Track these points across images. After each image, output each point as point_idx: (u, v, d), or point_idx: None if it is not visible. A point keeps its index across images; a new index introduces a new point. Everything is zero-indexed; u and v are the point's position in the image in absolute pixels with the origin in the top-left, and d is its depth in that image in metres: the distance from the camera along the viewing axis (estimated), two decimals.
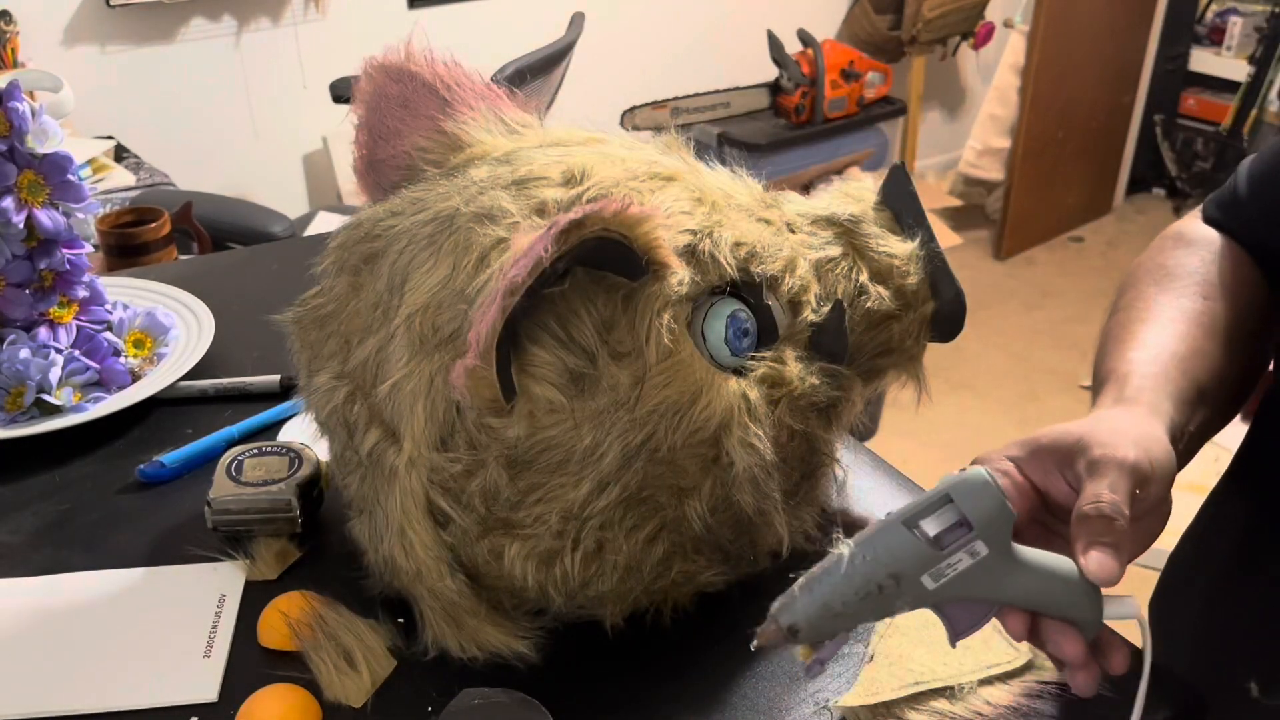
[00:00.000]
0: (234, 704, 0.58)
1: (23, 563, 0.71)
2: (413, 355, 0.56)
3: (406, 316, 0.56)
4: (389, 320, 0.58)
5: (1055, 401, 2.67)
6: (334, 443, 0.63)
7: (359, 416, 0.58)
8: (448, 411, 0.55)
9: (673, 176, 0.60)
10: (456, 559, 0.57)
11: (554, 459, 0.54)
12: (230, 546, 0.70)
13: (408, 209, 0.61)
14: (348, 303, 0.61)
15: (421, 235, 0.58)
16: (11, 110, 0.83)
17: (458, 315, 0.54)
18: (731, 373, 0.57)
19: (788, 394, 0.58)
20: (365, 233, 0.62)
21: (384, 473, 0.57)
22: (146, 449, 0.80)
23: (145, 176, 1.99)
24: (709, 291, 0.57)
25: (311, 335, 0.63)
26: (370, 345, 0.58)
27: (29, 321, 0.88)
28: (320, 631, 0.61)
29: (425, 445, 0.55)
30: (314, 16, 2.67)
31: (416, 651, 0.60)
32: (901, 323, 0.64)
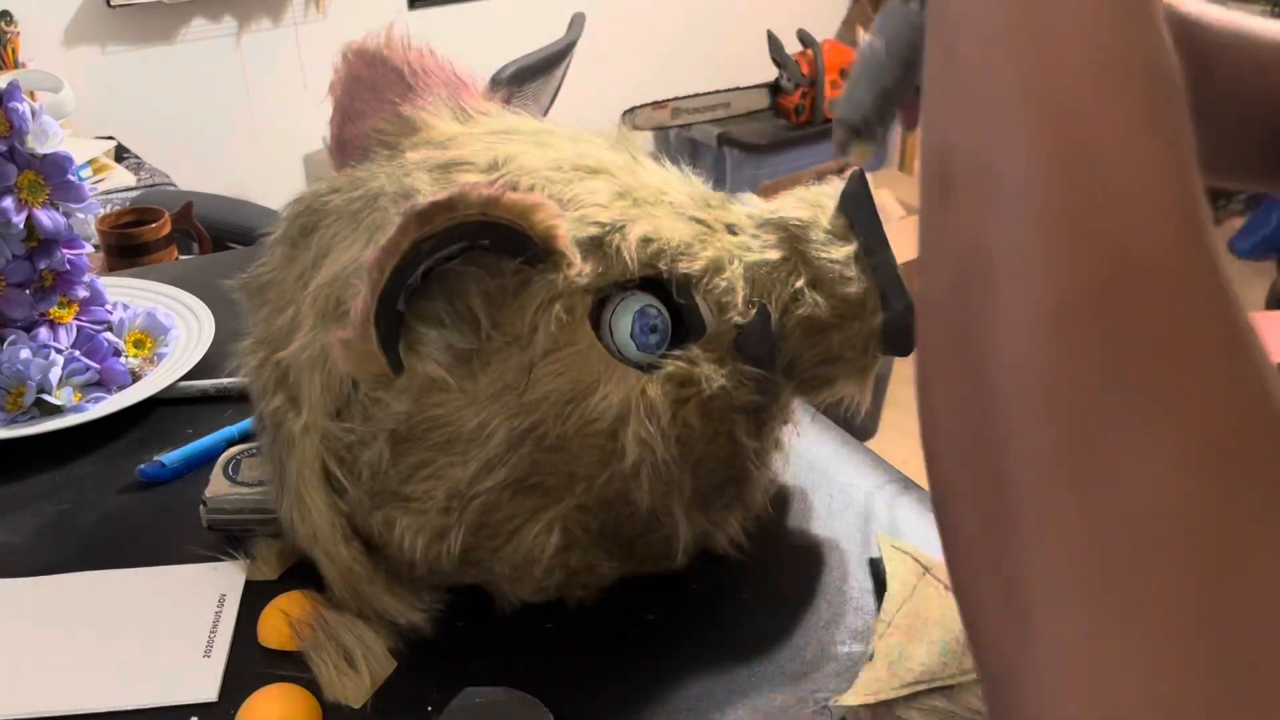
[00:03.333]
0: (234, 704, 0.58)
1: (23, 563, 0.71)
2: (314, 325, 0.57)
3: (315, 288, 0.58)
4: (305, 291, 0.60)
5: None
6: (253, 405, 0.65)
7: (268, 380, 0.60)
8: (344, 383, 0.56)
9: (600, 170, 0.60)
10: (353, 527, 0.59)
11: (441, 437, 0.55)
12: (230, 546, 0.70)
13: (345, 186, 0.63)
14: (282, 273, 0.63)
15: (348, 212, 0.60)
16: (12, 110, 0.83)
17: (356, 290, 0.56)
18: (639, 368, 0.57)
19: (696, 394, 0.57)
20: (306, 206, 0.64)
21: (284, 437, 0.59)
22: (147, 449, 0.80)
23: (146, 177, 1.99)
24: (620, 286, 0.57)
25: (252, 302, 0.65)
26: (288, 314, 0.60)
27: (29, 322, 0.88)
28: (321, 631, 0.61)
29: (321, 413, 0.57)
30: (314, 17, 2.68)
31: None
32: (843, 332, 0.63)
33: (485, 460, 0.55)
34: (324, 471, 0.58)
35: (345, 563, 0.59)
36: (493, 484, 0.55)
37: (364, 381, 0.55)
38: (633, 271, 0.57)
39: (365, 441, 0.56)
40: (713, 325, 0.59)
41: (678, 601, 0.66)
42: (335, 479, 0.57)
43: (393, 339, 0.54)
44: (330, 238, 0.60)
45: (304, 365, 0.57)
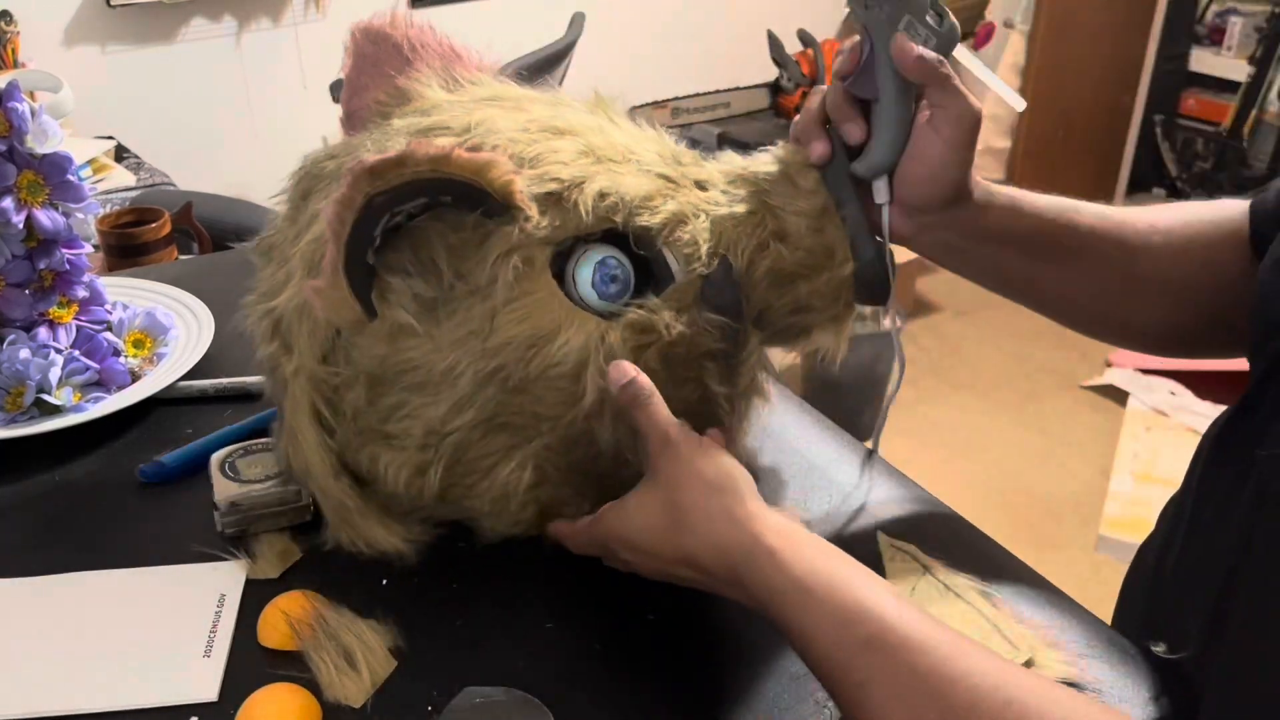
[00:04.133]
0: (234, 703, 0.58)
1: (23, 563, 0.71)
2: (302, 277, 0.61)
3: (304, 244, 0.62)
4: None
5: (1055, 401, 2.67)
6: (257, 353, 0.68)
7: (266, 329, 0.64)
8: (327, 329, 0.60)
9: (568, 131, 0.63)
10: (342, 463, 0.63)
11: (414, 379, 0.59)
12: (231, 545, 0.70)
13: (339, 152, 0.67)
14: (283, 234, 0.67)
15: (338, 175, 0.63)
16: (11, 110, 0.83)
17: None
18: (601, 316, 0.60)
19: (656, 340, 0.60)
20: (305, 172, 0.69)
21: (280, 380, 0.63)
22: (146, 449, 0.80)
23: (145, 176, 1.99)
24: (581, 239, 0.61)
25: (261, 260, 0.69)
26: (285, 269, 0.64)
27: (29, 321, 0.88)
28: (320, 631, 0.61)
29: (309, 358, 0.61)
30: (314, 17, 2.68)
31: (319, 543, 0.67)
32: (812, 282, 0.65)
33: (455, 401, 0.59)
34: (314, 411, 0.61)
35: (337, 496, 0.62)
36: (463, 423, 0.59)
37: (343, 327, 0.59)
38: (589, 225, 0.60)
39: (348, 384, 0.60)
40: (679, 276, 0.62)
41: (678, 601, 0.66)
42: (324, 419, 0.62)
43: (365, 288, 0.57)
44: (322, 199, 0.64)
45: (293, 314, 0.61)
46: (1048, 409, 2.64)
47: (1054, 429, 2.57)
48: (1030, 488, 2.36)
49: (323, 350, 0.61)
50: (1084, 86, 3.34)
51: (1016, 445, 2.51)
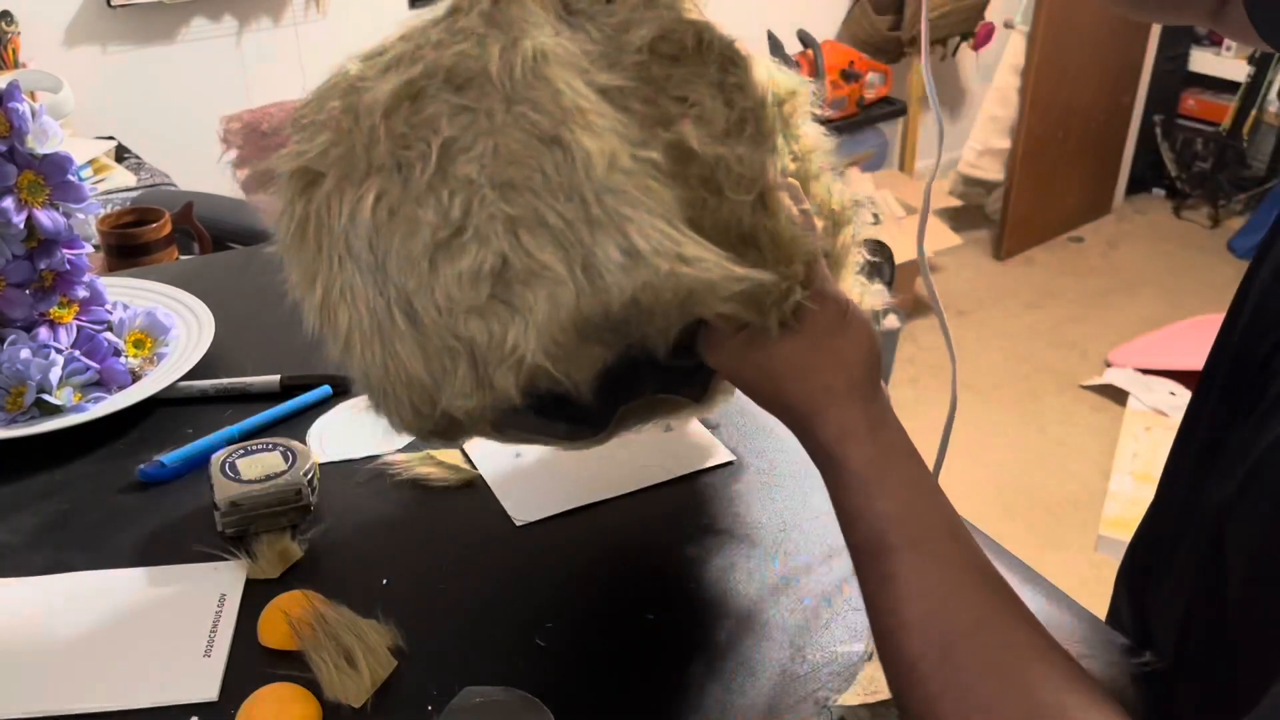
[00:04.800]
0: (234, 703, 0.58)
1: (23, 563, 0.71)
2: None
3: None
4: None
5: (1055, 401, 2.67)
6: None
7: (449, 57, 0.52)
8: (558, 11, 0.53)
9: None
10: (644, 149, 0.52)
11: (675, 48, 0.53)
12: (231, 545, 0.70)
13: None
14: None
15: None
16: (12, 111, 0.83)
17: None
18: None
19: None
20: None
21: (519, 72, 0.50)
22: (147, 449, 0.80)
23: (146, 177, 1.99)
24: None
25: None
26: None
27: (29, 321, 0.88)
28: (321, 631, 0.61)
29: (556, 33, 0.52)
30: (314, 17, 2.68)
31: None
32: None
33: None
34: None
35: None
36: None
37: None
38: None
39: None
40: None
41: (677, 602, 0.66)
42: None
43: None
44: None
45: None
46: (1048, 409, 2.64)
47: (1054, 429, 2.57)
48: (1030, 488, 2.36)
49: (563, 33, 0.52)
50: (1084, 87, 3.34)
51: (1016, 445, 2.51)
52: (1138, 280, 3.20)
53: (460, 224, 0.49)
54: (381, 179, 0.51)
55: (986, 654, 0.47)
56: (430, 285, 0.50)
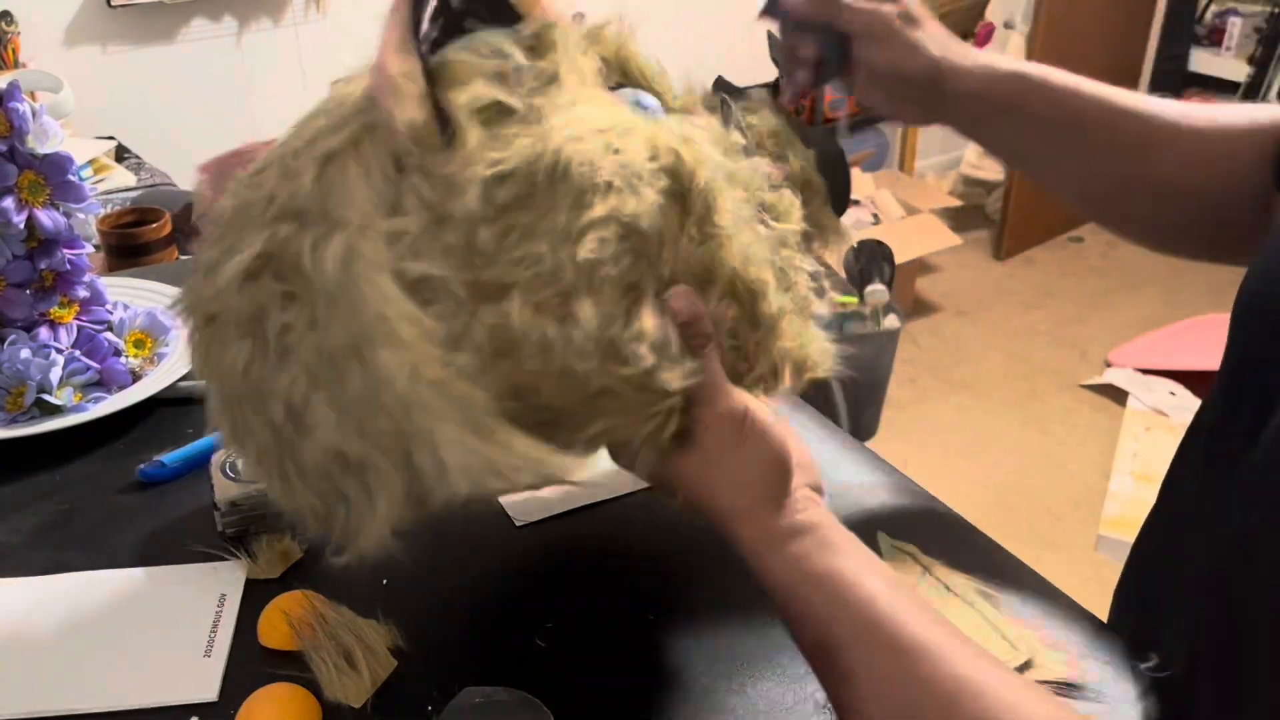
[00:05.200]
0: (234, 704, 0.58)
1: (23, 563, 0.71)
2: (331, 132, 0.52)
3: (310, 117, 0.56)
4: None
5: (1055, 401, 2.67)
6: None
7: (245, 259, 0.52)
8: (385, 170, 0.50)
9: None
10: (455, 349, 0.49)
11: (519, 190, 0.49)
12: (231, 545, 0.70)
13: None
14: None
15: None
16: (12, 110, 0.83)
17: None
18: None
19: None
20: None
21: (329, 271, 0.48)
22: (147, 449, 0.80)
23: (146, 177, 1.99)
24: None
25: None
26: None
27: (29, 321, 0.88)
28: (320, 631, 0.61)
29: (374, 214, 0.49)
30: (315, 17, 2.68)
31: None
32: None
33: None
34: (399, 278, 0.49)
35: (462, 392, 0.49)
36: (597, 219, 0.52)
37: (415, 149, 0.50)
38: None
39: (439, 223, 0.50)
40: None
41: (677, 602, 0.66)
42: (416, 282, 0.49)
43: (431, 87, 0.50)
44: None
45: (334, 173, 0.51)
46: (1048, 409, 2.64)
47: (1054, 429, 2.57)
48: (1030, 488, 2.36)
49: (387, 200, 0.49)
50: None
51: (1016, 445, 2.51)
52: (1138, 280, 3.20)
53: (301, 411, 0.50)
54: (247, 343, 0.52)
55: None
56: (299, 447, 0.50)
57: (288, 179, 0.52)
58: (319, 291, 0.49)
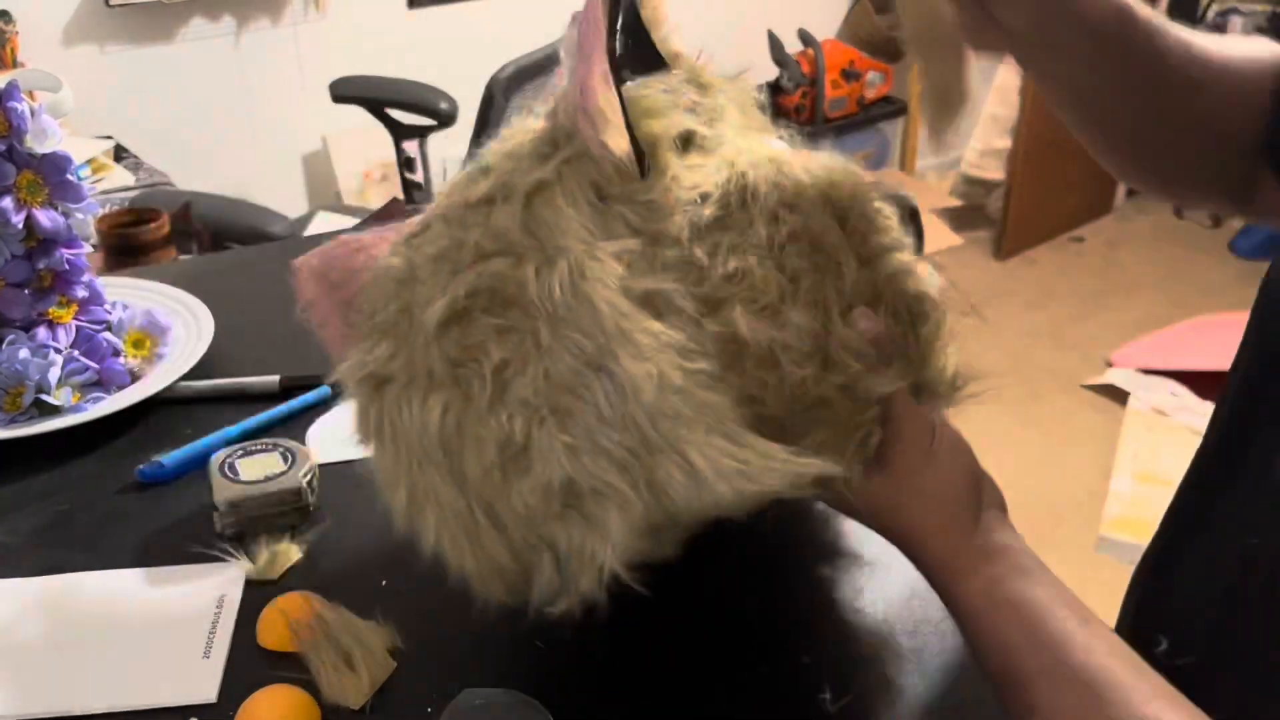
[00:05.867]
0: (233, 704, 0.58)
1: (23, 563, 0.71)
2: (523, 171, 0.53)
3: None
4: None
5: (1055, 401, 2.67)
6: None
7: (490, 273, 0.52)
8: (589, 199, 0.52)
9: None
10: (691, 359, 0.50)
11: (718, 211, 0.52)
12: (230, 546, 0.70)
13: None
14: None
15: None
16: (10, 110, 0.83)
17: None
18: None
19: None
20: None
21: (558, 294, 0.49)
22: (146, 449, 0.80)
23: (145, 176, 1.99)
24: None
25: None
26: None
27: (28, 321, 0.88)
28: (320, 632, 0.61)
29: (592, 238, 0.50)
30: (314, 17, 2.67)
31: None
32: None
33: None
34: (632, 294, 0.51)
35: (715, 406, 0.50)
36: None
37: (616, 180, 0.52)
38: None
39: (655, 242, 0.52)
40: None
41: (676, 603, 0.66)
42: (652, 297, 0.51)
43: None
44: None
45: (544, 205, 0.52)
46: (1048, 409, 2.64)
47: (1054, 429, 2.57)
48: (1030, 488, 2.36)
49: (596, 225, 0.51)
50: None
51: (1016, 445, 2.50)
52: (1139, 280, 3.20)
53: (523, 444, 0.49)
54: (445, 392, 0.51)
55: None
56: (506, 493, 0.50)
57: (480, 222, 0.53)
58: (545, 318, 0.49)
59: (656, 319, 0.49)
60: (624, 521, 0.48)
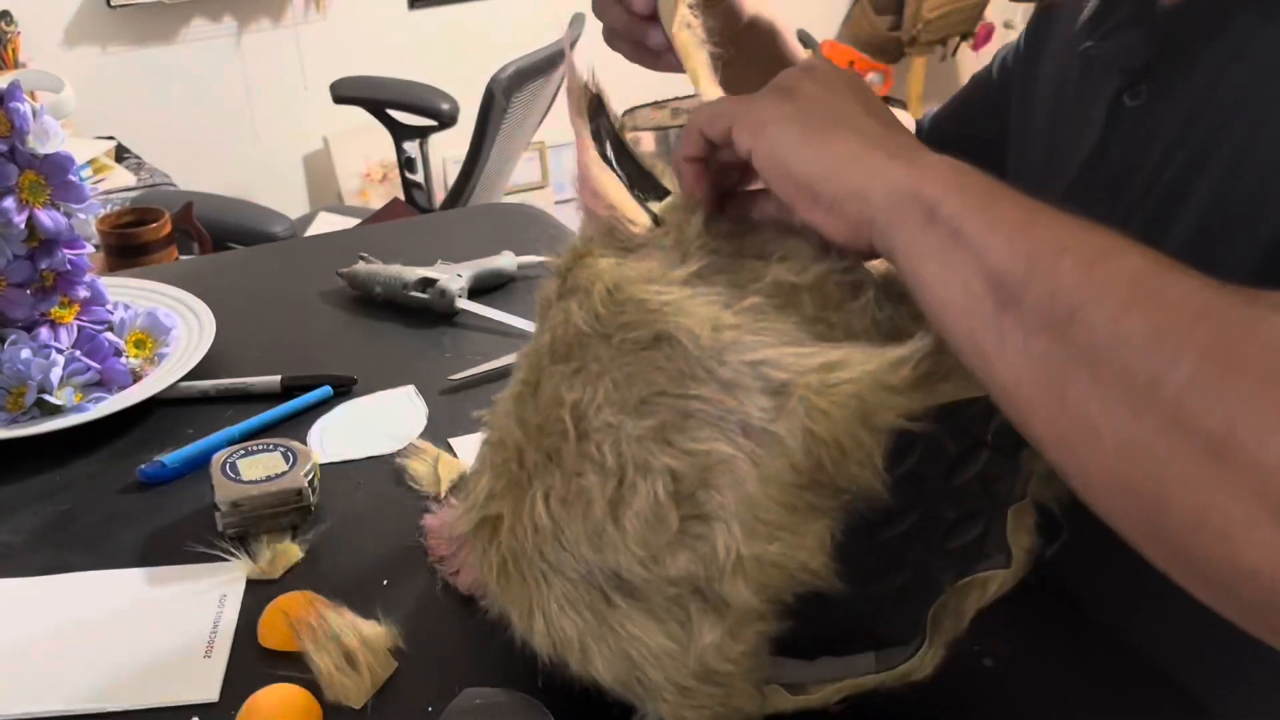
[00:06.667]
0: (235, 704, 0.58)
1: (23, 563, 0.71)
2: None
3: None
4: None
5: None
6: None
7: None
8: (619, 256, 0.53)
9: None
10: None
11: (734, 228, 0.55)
12: (231, 546, 0.70)
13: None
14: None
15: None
16: (13, 111, 0.83)
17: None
18: None
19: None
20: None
21: (608, 315, 0.50)
22: (147, 449, 0.80)
23: (146, 177, 2.00)
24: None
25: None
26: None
27: (30, 322, 0.88)
28: (321, 631, 0.61)
29: (658, 269, 0.51)
30: (315, 17, 2.68)
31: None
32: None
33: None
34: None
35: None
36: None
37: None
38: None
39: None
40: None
41: None
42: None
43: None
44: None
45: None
46: None
47: None
48: None
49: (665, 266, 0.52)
50: None
51: None
52: None
53: (620, 468, 0.48)
54: (541, 479, 0.51)
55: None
56: (624, 545, 0.48)
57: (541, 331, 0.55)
58: (600, 337, 0.50)
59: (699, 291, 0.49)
60: (739, 488, 0.44)
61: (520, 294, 1.03)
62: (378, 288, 1.01)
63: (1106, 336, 0.38)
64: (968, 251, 0.42)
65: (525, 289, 1.04)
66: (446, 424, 0.84)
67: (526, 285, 1.04)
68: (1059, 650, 0.62)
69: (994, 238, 0.41)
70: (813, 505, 0.44)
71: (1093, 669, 0.61)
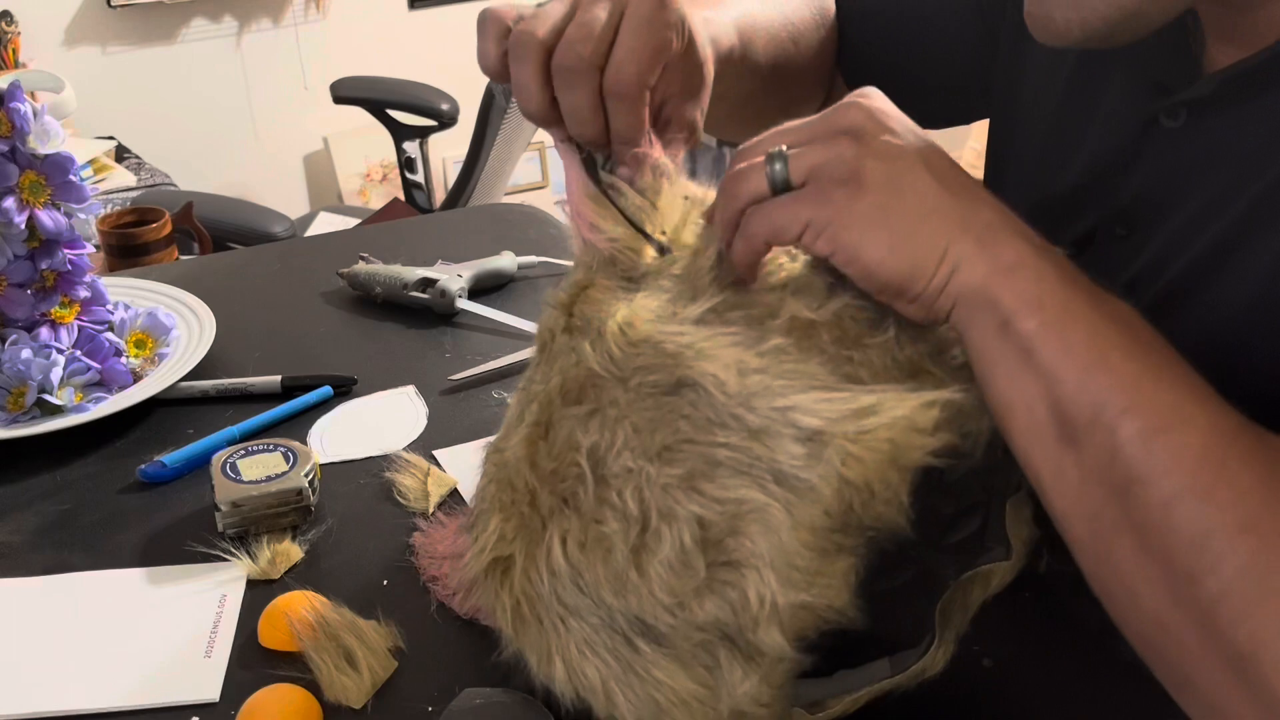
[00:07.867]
0: (235, 704, 0.58)
1: (23, 563, 0.71)
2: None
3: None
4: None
5: None
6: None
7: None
8: (624, 287, 0.53)
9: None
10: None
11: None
12: (232, 545, 0.70)
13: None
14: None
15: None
16: (13, 111, 0.83)
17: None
18: None
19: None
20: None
21: (623, 356, 0.49)
22: (147, 449, 0.80)
23: (146, 177, 2.00)
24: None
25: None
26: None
27: (31, 322, 0.88)
28: (321, 631, 0.61)
29: (659, 307, 0.51)
30: (315, 17, 2.68)
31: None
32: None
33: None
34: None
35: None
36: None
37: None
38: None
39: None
40: None
41: None
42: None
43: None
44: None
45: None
46: None
47: None
48: None
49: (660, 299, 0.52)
50: None
51: None
52: None
53: (642, 515, 0.47)
54: (557, 522, 0.50)
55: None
56: (649, 591, 0.47)
57: (545, 365, 0.54)
58: (615, 380, 0.49)
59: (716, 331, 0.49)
60: (771, 536, 0.44)
61: (520, 294, 1.03)
62: (378, 288, 1.01)
63: (1158, 520, 0.40)
64: (1036, 375, 0.43)
65: (525, 289, 1.04)
66: (446, 425, 0.84)
67: (526, 285, 1.05)
68: (1059, 650, 0.62)
69: (1064, 370, 0.43)
70: (840, 546, 0.44)
71: (1093, 669, 0.61)
